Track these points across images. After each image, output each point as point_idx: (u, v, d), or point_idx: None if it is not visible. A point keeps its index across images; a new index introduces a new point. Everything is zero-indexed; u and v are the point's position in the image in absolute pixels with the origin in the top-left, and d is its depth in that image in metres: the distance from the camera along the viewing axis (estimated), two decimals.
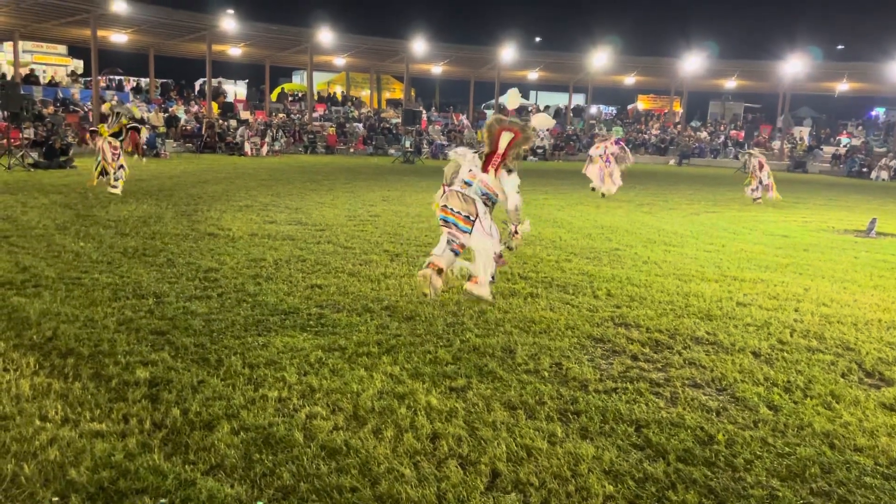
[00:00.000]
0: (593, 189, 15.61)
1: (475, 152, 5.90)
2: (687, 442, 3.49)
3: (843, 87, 36.21)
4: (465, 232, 5.60)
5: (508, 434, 3.50)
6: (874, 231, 11.02)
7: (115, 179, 12.17)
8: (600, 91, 44.45)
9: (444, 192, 5.75)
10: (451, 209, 5.64)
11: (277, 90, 40.95)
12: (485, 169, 5.71)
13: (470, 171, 5.77)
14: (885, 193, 21.04)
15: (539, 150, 33.55)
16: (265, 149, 27.06)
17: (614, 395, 4.04)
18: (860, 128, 39.03)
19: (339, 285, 6.30)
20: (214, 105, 31.35)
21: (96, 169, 12.79)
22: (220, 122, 29.43)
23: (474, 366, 4.40)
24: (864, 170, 29.94)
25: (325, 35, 30.04)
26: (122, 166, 12.30)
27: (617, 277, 7.08)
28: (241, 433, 3.38)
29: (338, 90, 42.60)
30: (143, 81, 33.64)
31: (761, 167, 15.87)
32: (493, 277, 5.70)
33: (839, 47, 42.35)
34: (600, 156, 15.44)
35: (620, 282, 6.89)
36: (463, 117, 39.26)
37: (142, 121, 23.28)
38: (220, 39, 29.81)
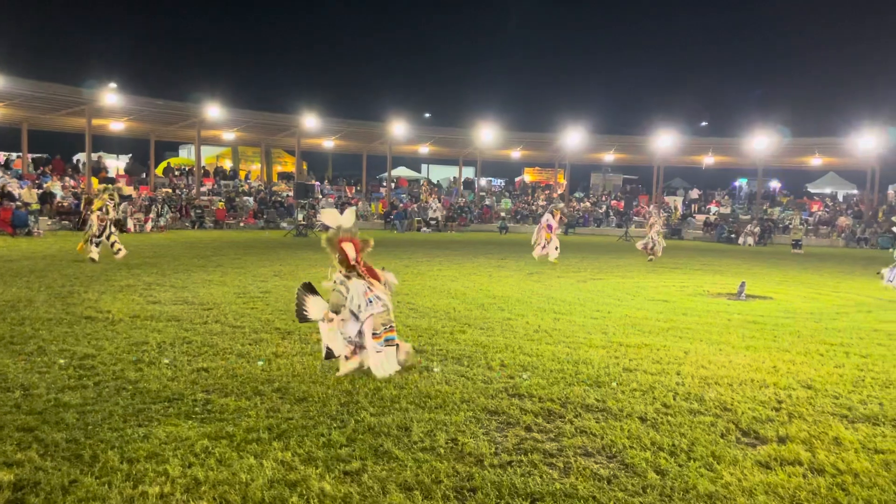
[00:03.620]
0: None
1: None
2: None
3: (709, 160, 39.28)
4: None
5: None
6: (744, 294, 11.81)
7: (116, 252, 14.43)
8: (489, 164, 46.17)
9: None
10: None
11: (163, 164, 39.89)
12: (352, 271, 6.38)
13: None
14: (751, 258, 22.65)
15: (432, 222, 34.12)
16: (149, 224, 26.09)
17: (509, 469, 4.06)
18: (727, 197, 42.40)
19: (227, 368, 6.07)
20: (95, 180, 30.05)
21: (85, 238, 14.52)
22: None
23: (369, 447, 4.31)
24: (732, 236, 32.23)
25: (214, 110, 29.69)
26: (112, 233, 14.58)
27: (510, 347, 7.21)
28: None
29: (227, 164, 41.97)
30: (15, 155, 31.88)
31: (651, 227, 19.64)
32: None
33: (703, 124, 46.17)
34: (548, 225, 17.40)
35: (513, 351, 7.01)
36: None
37: (128, 197, 26.25)
38: (101, 114, 28.81)
